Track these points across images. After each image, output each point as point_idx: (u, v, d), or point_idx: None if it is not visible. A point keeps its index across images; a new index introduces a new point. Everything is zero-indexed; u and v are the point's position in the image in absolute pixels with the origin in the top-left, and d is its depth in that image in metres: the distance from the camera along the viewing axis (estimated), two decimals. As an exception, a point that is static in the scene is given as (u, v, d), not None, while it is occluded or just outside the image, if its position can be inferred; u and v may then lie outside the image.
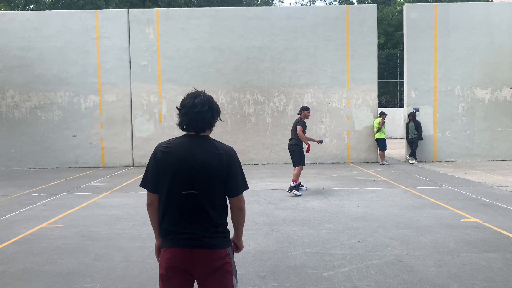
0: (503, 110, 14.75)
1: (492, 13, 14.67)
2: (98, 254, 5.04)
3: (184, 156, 2.34)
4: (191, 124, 2.38)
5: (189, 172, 2.31)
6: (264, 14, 14.92)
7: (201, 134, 2.42)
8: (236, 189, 2.41)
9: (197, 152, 2.34)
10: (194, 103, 2.35)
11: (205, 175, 2.32)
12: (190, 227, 2.32)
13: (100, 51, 14.60)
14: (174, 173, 2.32)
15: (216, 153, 2.36)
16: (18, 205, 8.07)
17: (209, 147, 2.38)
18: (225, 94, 14.75)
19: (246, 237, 5.65)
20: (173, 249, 2.31)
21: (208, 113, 2.38)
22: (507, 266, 4.45)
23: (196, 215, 2.33)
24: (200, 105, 2.35)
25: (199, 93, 2.41)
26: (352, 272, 4.34)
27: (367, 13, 14.68)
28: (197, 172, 2.32)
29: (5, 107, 14.69)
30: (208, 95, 2.43)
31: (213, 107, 2.41)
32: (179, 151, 2.36)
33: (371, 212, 7.05)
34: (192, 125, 2.39)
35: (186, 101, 2.39)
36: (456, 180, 10.44)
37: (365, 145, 14.75)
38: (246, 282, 4.14)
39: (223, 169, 2.35)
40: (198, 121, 2.37)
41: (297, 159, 8.80)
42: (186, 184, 2.31)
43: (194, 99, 2.37)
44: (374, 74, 14.72)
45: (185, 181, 2.31)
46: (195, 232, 2.31)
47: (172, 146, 2.39)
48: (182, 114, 2.40)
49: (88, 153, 14.64)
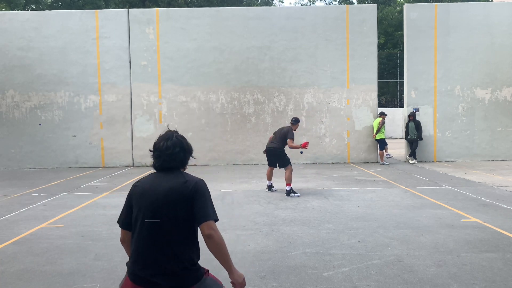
0: (503, 110, 14.75)
1: (492, 13, 14.66)
2: (98, 254, 5.04)
3: (150, 185, 2.37)
4: (164, 165, 2.42)
5: (153, 199, 2.31)
6: (264, 14, 14.92)
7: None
8: (205, 215, 2.30)
9: (163, 180, 2.37)
10: (167, 145, 2.40)
11: (168, 202, 2.29)
12: (151, 265, 2.26)
13: (100, 51, 14.59)
14: (140, 202, 2.34)
15: (182, 181, 2.36)
16: (18, 205, 8.07)
17: (177, 176, 2.40)
18: (225, 94, 14.75)
19: (246, 237, 5.65)
20: (131, 283, 2.30)
21: (181, 154, 2.43)
22: (507, 266, 4.45)
23: (159, 247, 2.27)
24: (172, 147, 2.40)
25: (172, 135, 2.45)
26: (352, 272, 4.34)
27: (367, 13, 14.68)
28: (161, 198, 2.30)
29: (5, 107, 14.69)
30: (180, 136, 2.48)
31: (185, 147, 2.46)
32: (148, 182, 2.41)
33: (371, 212, 7.05)
34: (165, 166, 2.42)
35: (159, 143, 2.43)
36: (456, 180, 10.44)
37: (365, 145, 14.75)
38: (246, 282, 4.13)
39: (188, 194, 2.31)
40: (171, 161, 2.41)
41: (283, 161, 8.85)
42: (149, 213, 2.30)
43: (167, 141, 2.41)
44: (374, 74, 14.72)
45: (149, 209, 2.30)
46: (154, 273, 2.25)
47: (143, 179, 2.46)
48: (156, 156, 2.44)
49: (88, 153, 14.64)
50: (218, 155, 14.71)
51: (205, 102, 14.74)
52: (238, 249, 5.16)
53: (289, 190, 8.58)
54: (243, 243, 5.39)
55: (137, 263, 2.30)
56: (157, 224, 2.28)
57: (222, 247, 2.32)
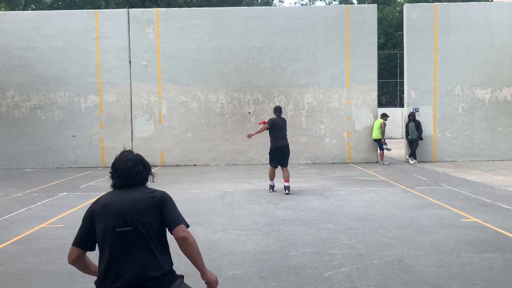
0: (503, 110, 14.75)
1: (492, 13, 14.66)
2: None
3: (114, 198, 2.37)
4: (126, 183, 2.41)
5: (121, 208, 2.31)
6: (264, 14, 14.92)
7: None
8: (176, 221, 2.35)
9: (128, 193, 2.38)
10: (129, 165, 2.40)
11: (137, 209, 2.31)
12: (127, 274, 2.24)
13: (100, 51, 14.59)
14: (106, 216, 2.31)
15: (148, 192, 2.40)
16: (18, 205, 8.06)
17: (141, 189, 2.42)
18: (225, 94, 14.75)
19: (246, 237, 5.65)
20: None
21: (144, 172, 2.45)
22: (507, 266, 4.45)
23: (134, 255, 2.26)
24: (133, 166, 2.41)
25: (128, 154, 2.45)
26: (352, 272, 4.34)
27: (367, 13, 14.68)
28: (129, 206, 2.31)
29: (5, 107, 14.69)
30: (137, 154, 2.49)
31: (146, 165, 2.48)
32: (110, 197, 2.40)
33: (371, 212, 7.05)
34: (128, 183, 2.41)
35: (118, 164, 2.42)
36: (456, 180, 10.44)
37: (365, 145, 14.74)
38: (246, 282, 4.14)
39: (157, 203, 2.35)
40: (135, 179, 2.42)
41: (288, 159, 9.02)
42: (120, 221, 2.28)
43: (127, 161, 2.41)
44: (374, 74, 14.72)
45: (118, 218, 2.29)
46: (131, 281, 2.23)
47: (103, 197, 2.44)
48: (116, 177, 2.43)
49: (88, 153, 14.64)
50: (218, 155, 14.71)
51: (205, 102, 14.74)
52: (238, 249, 5.16)
53: (286, 186, 8.85)
54: (243, 243, 5.39)
55: (110, 277, 2.26)
56: (129, 232, 2.27)
57: (196, 248, 2.35)
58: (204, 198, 8.48)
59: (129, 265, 2.25)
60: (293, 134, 13.84)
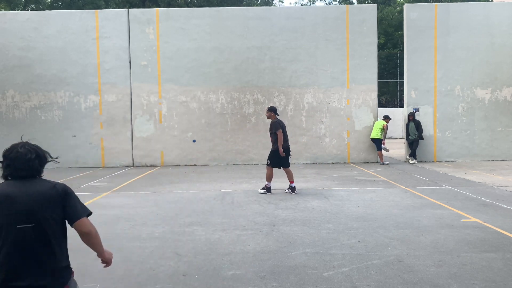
0: (503, 110, 14.75)
1: (492, 13, 14.66)
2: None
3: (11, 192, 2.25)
4: (17, 173, 2.31)
5: (21, 204, 2.23)
6: (264, 14, 14.92)
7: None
8: (78, 214, 2.36)
9: (26, 186, 2.28)
10: (19, 152, 2.31)
11: (40, 205, 2.25)
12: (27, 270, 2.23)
13: (100, 51, 14.59)
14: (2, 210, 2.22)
15: (49, 185, 2.35)
16: (18, 205, 8.05)
17: (40, 182, 2.35)
18: (225, 94, 14.75)
19: (246, 237, 5.65)
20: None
21: (35, 161, 2.35)
22: (507, 266, 4.45)
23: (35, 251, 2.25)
24: (26, 153, 2.31)
25: (23, 143, 2.37)
26: (352, 272, 4.34)
27: (367, 13, 14.68)
28: (31, 202, 2.24)
29: (5, 107, 14.69)
30: (34, 145, 2.42)
31: (40, 155, 2.39)
32: (5, 189, 2.27)
33: (371, 212, 7.05)
34: (19, 174, 2.31)
35: (9, 153, 2.33)
36: (456, 180, 10.44)
37: (365, 145, 14.74)
38: (246, 282, 4.14)
39: (59, 197, 2.32)
40: (27, 169, 2.31)
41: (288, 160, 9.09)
42: (22, 217, 2.22)
43: (19, 149, 2.32)
44: (374, 74, 14.72)
45: (19, 214, 2.22)
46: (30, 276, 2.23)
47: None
48: (5, 165, 2.31)
49: (88, 153, 14.64)
50: (218, 155, 14.71)
51: (205, 102, 14.74)
52: (238, 249, 5.16)
53: (294, 187, 8.90)
54: (243, 243, 5.39)
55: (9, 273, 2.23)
56: (31, 228, 2.24)
57: (98, 239, 2.47)
58: (204, 198, 8.48)
59: (28, 261, 2.25)
60: (293, 134, 13.84)
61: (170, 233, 5.96)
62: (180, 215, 7.01)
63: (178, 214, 7.02)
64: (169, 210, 7.38)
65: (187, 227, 6.23)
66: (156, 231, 6.07)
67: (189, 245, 5.38)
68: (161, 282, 4.16)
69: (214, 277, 4.27)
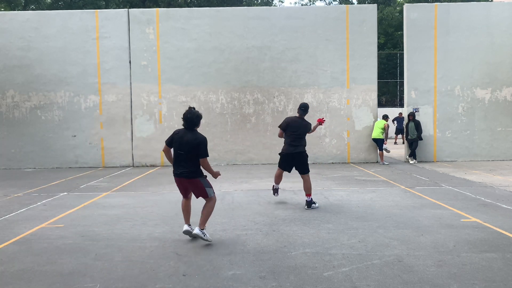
0: (503, 110, 14.75)
1: (492, 13, 14.67)
2: (98, 254, 5.04)
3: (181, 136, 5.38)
4: (186, 124, 5.40)
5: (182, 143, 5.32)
6: (264, 14, 14.92)
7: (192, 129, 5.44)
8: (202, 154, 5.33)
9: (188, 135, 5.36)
10: (187, 115, 5.38)
11: (189, 145, 5.28)
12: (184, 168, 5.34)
13: (100, 51, 14.60)
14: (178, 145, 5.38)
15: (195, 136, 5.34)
16: (18, 205, 8.06)
17: (191, 133, 5.38)
18: (225, 94, 14.75)
19: (246, 237, 5.65)
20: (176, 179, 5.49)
21: (194, 120, 5.38)
22: (507, 266, 4.45)
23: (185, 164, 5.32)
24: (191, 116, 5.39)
25: (192, 110, 5.40)
26: (352, 272, 4.34)
27: (367, 13, 14.68)
28: (186, 143, 5.29)
29: (5, 107, 14.69)
30: (196, 111, 5.42)
31: (199, 116, 5.43)
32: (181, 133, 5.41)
33: (371, 212, 7.05)
34: (187, 125, 5.40)
35: (185, 114, 5.39)
36: (456, 180, 10.44)
37: (365, 145, 14.75)
38: (246, 282, 4.14)
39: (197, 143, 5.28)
40: (191, 124, 5.39)
41: (307, 166, 7.64)
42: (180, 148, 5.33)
43: (188, 114, 5.37)
44: (374, 74, 14.73)
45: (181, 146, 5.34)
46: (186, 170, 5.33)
47: (178, 132, 5.45)
48: (183, 120, 5.38)
49: (88, 153, 14.64)
50: (218, 155, 14.71)
51: (205, 102, 14.75)
52: (238, 249, 5.16)
53: (311, 201, 7.41)
54: (243, 243, 5.39)
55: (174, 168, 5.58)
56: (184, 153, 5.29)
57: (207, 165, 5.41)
58: (204, 198, 8.46)
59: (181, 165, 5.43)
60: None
61: (170, 233, 5.96)
62: (180, 215, 6.99)
63: (178, 214, 7.01)
64: (169, 210, 7.38)
65: (187, 227, 6.21)
66: (156, 231, 6.07)
67: (189, 245, 5.38)
68: (161, 282, 4.16)
69: (214, 277, 4.27)
